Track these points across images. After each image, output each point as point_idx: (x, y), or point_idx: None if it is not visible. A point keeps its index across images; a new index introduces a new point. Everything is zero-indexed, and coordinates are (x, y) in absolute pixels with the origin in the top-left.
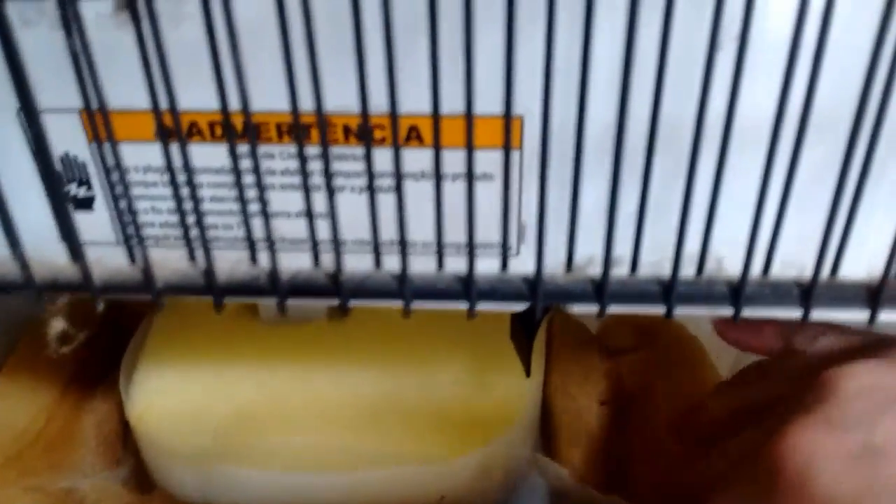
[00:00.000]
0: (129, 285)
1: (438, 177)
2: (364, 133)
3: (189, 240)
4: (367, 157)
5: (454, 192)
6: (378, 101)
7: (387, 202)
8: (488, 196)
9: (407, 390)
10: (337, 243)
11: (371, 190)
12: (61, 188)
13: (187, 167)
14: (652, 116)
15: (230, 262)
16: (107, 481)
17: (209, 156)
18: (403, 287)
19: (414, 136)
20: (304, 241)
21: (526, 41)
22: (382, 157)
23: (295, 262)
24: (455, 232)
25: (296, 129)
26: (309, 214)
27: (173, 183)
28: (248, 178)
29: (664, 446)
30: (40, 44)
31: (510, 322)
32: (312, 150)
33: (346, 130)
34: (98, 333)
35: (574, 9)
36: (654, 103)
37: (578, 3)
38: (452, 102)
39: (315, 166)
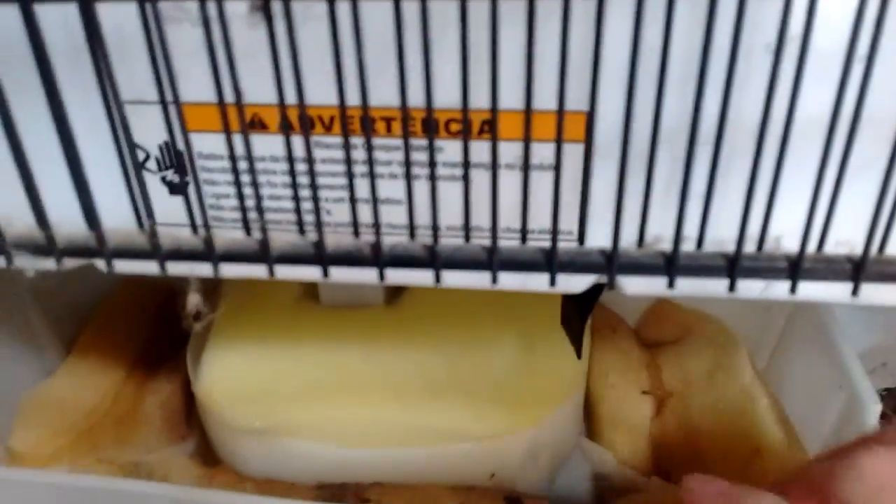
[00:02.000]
0: (247, 254)
1: (527, 167)
2: (465, 127)
3: (301, 217)
4: (465, 150)
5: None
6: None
7: (478, 188)
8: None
9: (460, 371)
10: (435, 215)
11: (466, 179)
12: (185, 174)
13: (309, 157)
14: (721, 114)
15: (336, 236)
16: (173, 455)
17: (325, 144)
18: (492, 257)
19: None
20: (402, 226)
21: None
22: (473, 148)
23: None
24: (536, 218)
25: (429, 124)
26: (409, 197)
27: (292, 172)
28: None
29: (702, 445)
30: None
31: (561, 306)
32: (415, 142)
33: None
34: (161, 318)
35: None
36: (722, 102)
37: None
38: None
39: (417, 156)
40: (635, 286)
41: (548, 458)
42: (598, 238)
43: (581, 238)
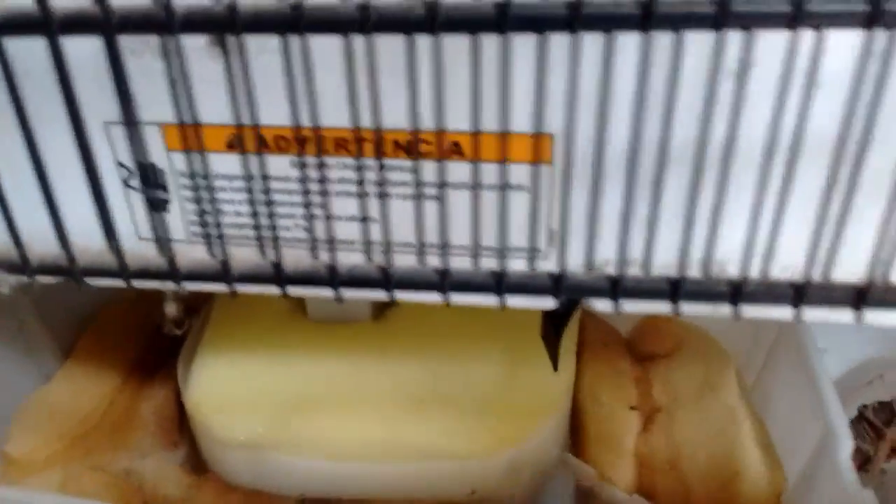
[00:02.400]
0: (210, 274)
1: (476, 185)
2: (414, 147)
3: (261, 237)
4: (415, 170)
5: (490, 200)
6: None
7: (431, 209)
8: (521, 205)
9: (443, 387)
10: (387, 242)
11: (418, 197)
12: (154, 191)
13: (264, 175)
14: (661, 140)
15: (295, 257)
16: (164, 462)
17: (277, 165)
18: (444, 280)
19: (456, 149)
20: (358, 242)
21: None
22: (428, 169)
23: (349, 260)
24: (490, 237)
25: (360, 143)
26: (364, 218)
27: (250, 189)
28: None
29: (683, 463)
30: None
31: (542, 321)
32: (368, 161)
33: (396, 144)
34: (158, 326)
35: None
36: (663, 128)
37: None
38: (491, 122)
39: (370, 176)
40: (596, 304)
41: (530, 475)
42: (552, 262)
43: (531, 261)
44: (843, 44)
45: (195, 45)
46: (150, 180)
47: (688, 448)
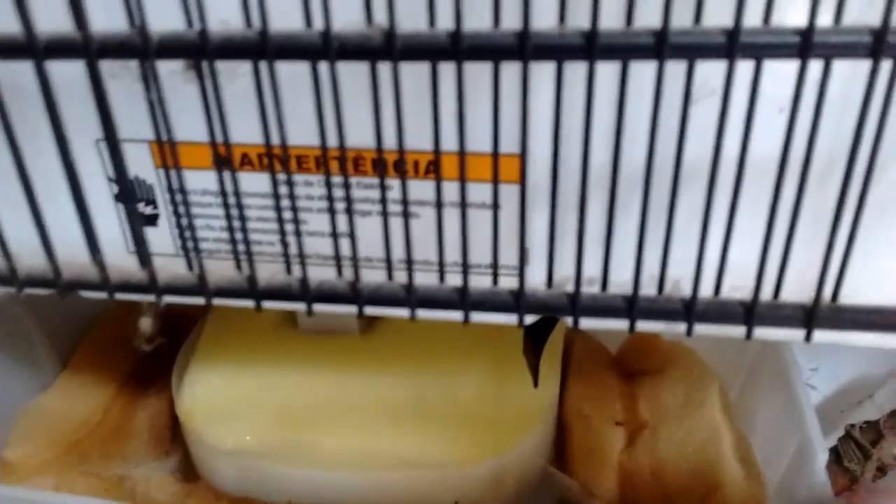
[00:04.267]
0: (187, 288)
1: (440, 205)
2: (380, 166)
3: (237, 252)
4: (381, 187)
5: (455, 217)
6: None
7: (397, 225)
8: (486, 222)
9: (428, 400)
10: (356, 259)
11: (384, 214)
12: (134, 206)
13: (237, 191)
14: (613, 161)
15: (270, 272)
16: (156, 470)
17: (256, 182)
18: (410, 296)
19: (431, 169)
20: (329, 258)
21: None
22: (397, 187)
23: (322, 275)
24: (455, 252)
25: (325, 163)
26: (334, 234)
27: (225, 204)
28: (286, 202)
29: (667, 478)
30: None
31: (523, 337)
32: (337, 179)
33: (372, 163)
34: (152, 339)
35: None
36: (614, 153)
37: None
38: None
39: (340, 193)
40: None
41: (514, 486)
42: (510, 279)
43: (495, 278)
44: (784, 72)
45: (172, 69)
46: (135, 196)
47: (671, 463)
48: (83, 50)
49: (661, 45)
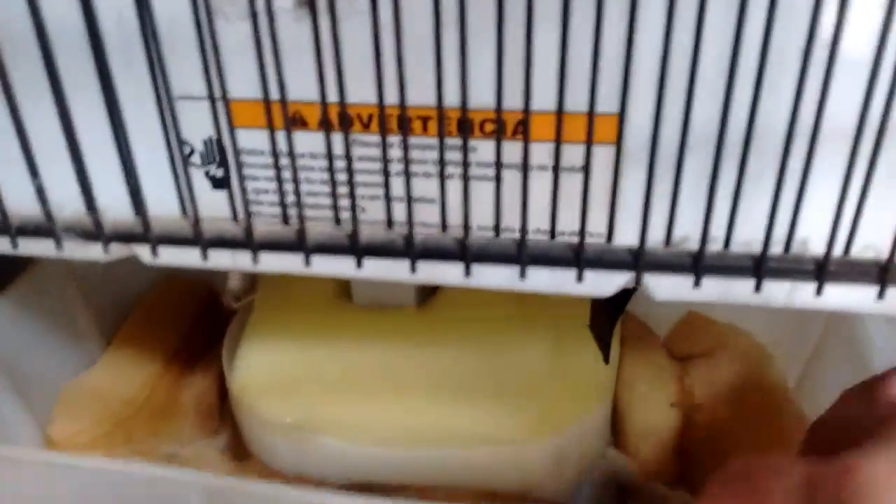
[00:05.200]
0: (284, 243)
1: (558, 168)
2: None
3: (337, 207)
4: (498, 150)
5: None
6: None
7: (510, 188)
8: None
9: (487, 375)
10: (466, 213)
11: (498, 179)
12: (227, 169)
13: (348, 153)
14: (749, 118)
15: (371, 229)
16: (206, 448)
17: (362, 142)
18: (521, 251)
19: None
20: (434, 224)
21: (644, 40)
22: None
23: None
24: (565, 220)
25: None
26: (442, 192)
27: (330, 166)
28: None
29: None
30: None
31: (590, 310)
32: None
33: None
34: (199, 315)
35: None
36: (752, 106)
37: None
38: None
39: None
40: (662, 289)
41: (573, 469)
42: (627, 238)
43: (609, 236)
44: None
45: (281, 5)
46: (214, 157)
47: (732, 442)
48: None
49: None
